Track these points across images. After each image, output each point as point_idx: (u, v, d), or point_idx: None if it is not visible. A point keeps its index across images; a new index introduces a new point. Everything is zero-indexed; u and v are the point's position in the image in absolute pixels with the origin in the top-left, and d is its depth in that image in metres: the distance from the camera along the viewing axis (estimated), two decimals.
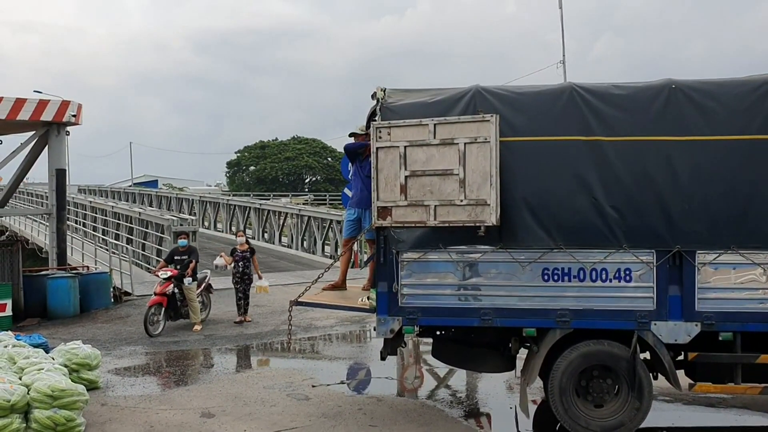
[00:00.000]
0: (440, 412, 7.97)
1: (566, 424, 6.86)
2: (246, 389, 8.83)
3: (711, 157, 6.59)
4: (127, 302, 16.02)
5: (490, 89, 7.00)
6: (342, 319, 13.55)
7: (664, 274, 6.67)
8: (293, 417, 7.70)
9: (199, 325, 12.89)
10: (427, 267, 7.02)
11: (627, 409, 6.77)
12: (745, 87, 6.67)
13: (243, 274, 13.61)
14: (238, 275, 13.64)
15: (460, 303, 6.99)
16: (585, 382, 6.90)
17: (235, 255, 13.76)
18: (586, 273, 6.78)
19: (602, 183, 6.73)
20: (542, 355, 6.91)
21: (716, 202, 6.58)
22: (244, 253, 13.76)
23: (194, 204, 34.35)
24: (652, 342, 6.72)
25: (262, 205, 29.82)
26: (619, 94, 6.84)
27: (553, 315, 6.84)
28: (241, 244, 13.95)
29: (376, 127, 6.87)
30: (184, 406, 8.13)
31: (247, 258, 13.72)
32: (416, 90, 7.36)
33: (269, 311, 14.58)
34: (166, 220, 19.46)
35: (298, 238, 25.95)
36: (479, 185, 6.56)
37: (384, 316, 7.09)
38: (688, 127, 6.63)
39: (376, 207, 6.86)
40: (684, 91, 6.68)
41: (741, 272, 6.59)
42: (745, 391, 6.79)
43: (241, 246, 13.91)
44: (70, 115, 16.09)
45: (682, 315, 6.65)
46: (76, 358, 8.61)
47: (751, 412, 7.83)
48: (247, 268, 13.66)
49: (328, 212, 25.61)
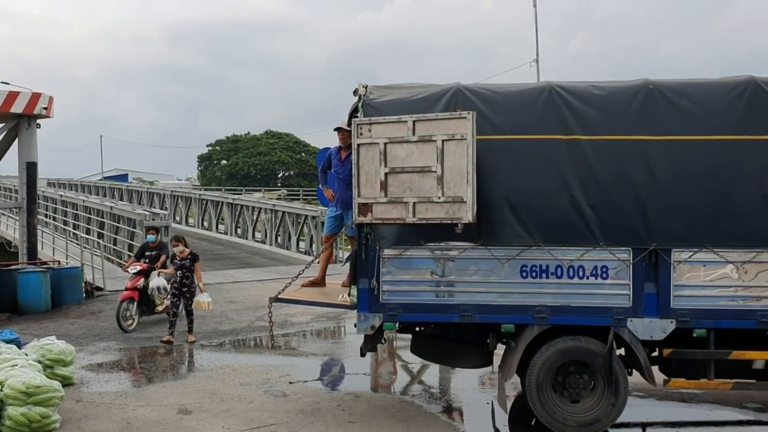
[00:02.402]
0: (418, 407, 8.01)
1: (543, 419, 6.95)
2: (222, 386, 8.79)
3: (687, 157, 6.70)
4: (99, 297, 15.82)
5: (471, 87, 7.06)
6: (317, 316, 13.53)
7: (641, 271, 6.77)
8: (271, 413, 7.68)
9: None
10: (407, 263, 7.05)
11: (603, 405, 6.88)
12: (721, 88, 6.81)
13: (182, 285, 11.53)
14: (176, 286, 11.61)
15: (440, 299, 7.04)
16: (562, 377, 6.99)
17: (174, 263, 11.82)
18: (564, 270, 6.87)
19: (580, 181, 6.82)
20: (520, 351, 6.98)
21: (692, 201, 6.70)
22: (183, 261, 11.65)
23: (166, 198, 33.98)
24: (628, 338, 6.83)
25: (235, 200, 29.59)
26: (597, 94, 6.93)
27: (531, 311, 6.91)
28: (180, 251, 11.71)
29: (357, 124, 6.87)
30: (160, 403, 8.07)
31: (188, 267, 11.60)
32: (398, 87, 7.38)
33: (243, 307, 14.50)
34: (138, 215, 19.22)
35: (272, 233, 25.81)
36: (456, 182, 6.58)
37: (365, 312, 7.10)
38: (666, 126, 6.74)
39: (357, 204, 6.86)
40: (661, 91, 6.79)
41: (715, 270, 6.72)
42: (718, 386, 6.94)
43: (181, 253, 11.72)
44: (41, 107, 15.83)
45: (657, 312, 6.76)
46: (50, 354, 8.50)
47: (722, 406, 7.99)
48: (187, 278, 11.58)
49: (303, 207, 25.50)
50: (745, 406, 7.97)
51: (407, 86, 7.39)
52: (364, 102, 7.09)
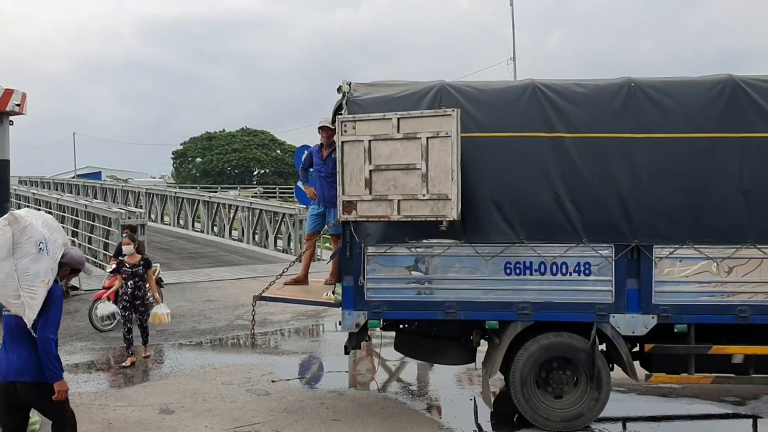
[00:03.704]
0: (402, 404, 8.02)
1: (527, 415, 7.00)
2: (204, 385, 8.72)
3: (668, 154, 6.79)
4: (75, 297, 15.57)
5: (455, 85, 7.08)
6: (297, 314, 13.47)
7: (623, 267, 6.85)
8: (255, 412, 7.64)
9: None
10: (392, 261, 7.05)
11: (586, 400, 6.95)
12: (701, 86, 6.91)
13: (134, 296, 9.83)
14: (126, 298, 9.86)
15: (425, 296, 7.05)
16: (545, 373, 7.05)
17: (123, 271, 9.94)
18: (548, 266, 6.92)
19: (563, 178, 6.88)
20: (504, 348, 7.02)
21: (673, 198, 6.78)
22: (134, 268, 9.86)
23: (141, 196, 33.64)
24: (611, 334, 6.91)
25: (211, 197, 29.37)
26: (580, 92, 6.99)
27: (515, 308, 6.96)
28: (130, 254, 9.93)
29: (341, 121, 6.85)
30: (141, 403, 7.99)
31: (140, 274, 9.88)
32: (382, 84, 7.38)
33: (222, 306, 14.39)
34: (114, 213, 18.96)
35: (249, 231, 25.65)
36: (441, 180, 6.59)
37: (350, 310, 7.09)
38: (647, 124, 6.82)
39: (342, 201, 6.85)
40: (643, 90, 6.86)
41: (696, 266, 6.81)
42: (699, 380, 7.04)
43: (130, 258, 9.92)
44: (13, 104, 15.48)
45: (639, 308, 6.85)
46: None
47: (701, 400, 8.10)
48: (140, 289, 9.88)
49: (281, 205, 25.40)
50: (724, 399, 8.09)
51: (391, 83, 7.39)
52: (349, 99, 7.08)
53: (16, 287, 4.95)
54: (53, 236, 5.19)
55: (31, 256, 5.00)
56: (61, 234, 5.34)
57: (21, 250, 4.98)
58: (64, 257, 5.28)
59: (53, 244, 5.16)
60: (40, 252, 5.04)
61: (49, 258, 5.09)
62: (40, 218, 5.24)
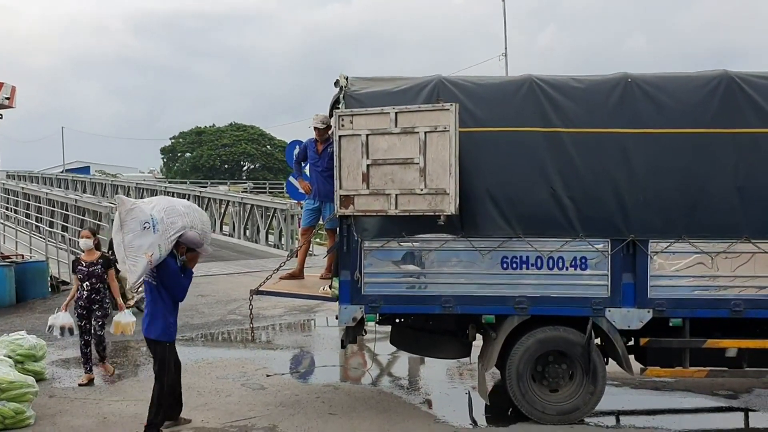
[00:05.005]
0: (397, 398, 8.03)
1: (523, 409, 7.02)
2: (198, 379, 8.69)
3: (664, 149, 6.82)
4: (65, 291, 15.47)
5: (453, 80, 7.08)
6: (290, 308, 13.47)
7: (619, 262, 6.88)
8: (251, 407, 7.63)
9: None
10: (389, 255, 7.06)
11: (582, 394, 6.98)
12: (697, 82, 6.95)
13: (90, 301, 8.41)
14: (82, 303, 8.43)
15: (422, 291, 7.06)
16: (541, 367, 7.08)
17: (78, 271, 8.51)
18: (544, 261, 6.94)
19: (560, 173, 6.90)
20: (500, 342, 7.04)
21: (669, 193, 6.82)
22: (91, 267, 8.43)
23: (130, 191, 33.51)
24: (606, 328, 6.94)
25: (202, 192, 29.29)
26: (576, 87, 7.01)
27: (511, 302, 6.98)
28: (88, 250, 8.52)
29: (338, 116, 6.84)
30: (136, 397, 7.95)
31: (98, 275, 8.43)
32: (379, 78, 7.36)
33: (214, 301, 14.38)
34: (104, 208, 18.85)
35: (240, 226, 25.60)
36: (439, 174, 6.60)
37: (346, 304, 7.09)
38: (643, 119, 6.85)
39: (339, 195, 6.84)
40: (639, 85, 6.89)
41: (691, 260, 6.85)
42: (693, 374, 7.08)
43: (88, 253, 8.53)
44: (3, 97, 15.38)
45: (635, 302, 6.88)
46: (21, 349, 8.30)
47: (695, 394, 8.17)
48: (98, 292, 8.45)
49: (272, 201, 25.34)
50: (716, 393, 8.15)
51: (389, 78, 7.38)
52: (346, 93, 7.06)
53: (123, 255, 6.24)
54: (171, 219, 6.29)
55: (136, 233, 6.15)
56: (185, 219, 6.40)
57: (127, 226, 6.19)
58: (181, 237, 6.38)
59: (166, 225, 6.24)
60: (145, 230, 6.15)
61: (156, 236, 6.18)
62: (162, 204, 6.43)
